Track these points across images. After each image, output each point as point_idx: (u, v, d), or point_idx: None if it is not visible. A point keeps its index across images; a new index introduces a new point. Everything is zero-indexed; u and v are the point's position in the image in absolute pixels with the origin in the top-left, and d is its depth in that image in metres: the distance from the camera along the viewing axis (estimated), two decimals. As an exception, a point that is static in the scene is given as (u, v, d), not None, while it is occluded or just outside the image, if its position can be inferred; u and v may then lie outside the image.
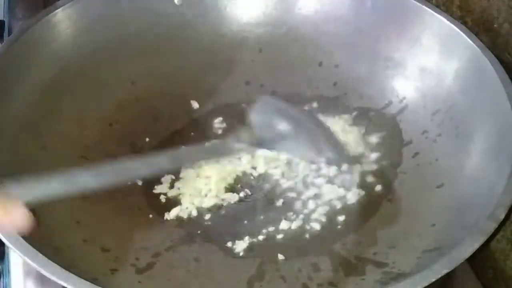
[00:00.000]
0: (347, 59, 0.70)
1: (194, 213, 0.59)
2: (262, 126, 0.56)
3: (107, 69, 0.67)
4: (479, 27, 0.62)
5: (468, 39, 0.61)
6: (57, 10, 0.64)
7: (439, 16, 0.64)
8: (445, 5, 0.67)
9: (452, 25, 0.63)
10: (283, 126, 0.56)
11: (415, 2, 0.66)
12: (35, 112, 0.61)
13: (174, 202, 0.60)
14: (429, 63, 0.65)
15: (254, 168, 0.63)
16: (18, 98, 0.60)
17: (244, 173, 0.62)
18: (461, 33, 0.62)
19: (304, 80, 0.71)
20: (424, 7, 0.65)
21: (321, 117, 0.67)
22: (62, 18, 0.65)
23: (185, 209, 0.59)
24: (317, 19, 0.71)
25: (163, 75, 0.70)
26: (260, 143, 0.57)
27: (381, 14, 0.68)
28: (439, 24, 0.64)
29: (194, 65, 0.71)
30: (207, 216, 0.59)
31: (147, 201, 0.60)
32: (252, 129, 0.56)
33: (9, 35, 0.78)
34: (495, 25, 0.60)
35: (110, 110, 0.66)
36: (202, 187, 0.61)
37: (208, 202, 0.60)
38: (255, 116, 0.57)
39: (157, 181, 0.61)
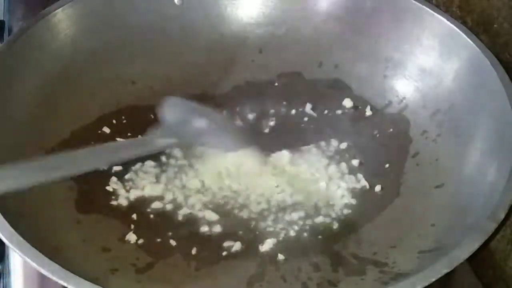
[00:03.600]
0: (347, 59, 0.70)
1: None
2: (178, 124, 0.61)
3: (107, 69, 0.67)
4: (479, 27, 0.62)
5: (468, 39, 0.61)
6: (57, 10, 0.64)
7: (439, 16, 0.64)
8: (445, 5, 0.67)
9: (452, 25, 0.63)
10: (197, 121, 0.61)
11: (415, 2, 0.66)
12: (35, 112, 0.61)
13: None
14: (429, 63, 0.65)
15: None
16: (18, 98, 0.60)
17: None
18: (461, 33, 0.62)
19: (304, 81, 0.71)
20: (424, 7, 0.65)
21: (320, 117, 0.67)
22: (62, 18, 0.65)
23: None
24: (317, 19, 0.71)
25: (163, 75, 0.70)
26: (180, 138, 0.60)
27: (381, 14, 0.68)
28: (439, 24, 0.64)
29: (194, 65, 0.71)
30: (208, 218, 0.59)
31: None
32: (169, 126, 0.60)
33: (9, 35, 0.78)
34: (495, 25, 0.60)
35: (110, 110, 0.66)
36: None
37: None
38: (169, 116, 0.61)
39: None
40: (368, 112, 0.67)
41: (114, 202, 0.60)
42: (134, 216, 0.59)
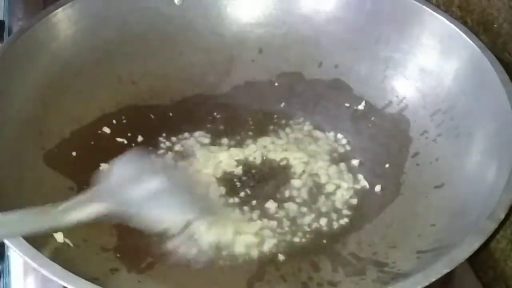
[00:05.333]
0: (347, 59, 0.70)
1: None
2: (125, 184, 0.50)
3: (107, 69, 0.67)
4: (479, 27, 0.62)
5: (468, 39, 0.61)
6: (57, 10, 0.64)
7: (439, 16, 0.64)
8: (445, 5, 0.67)
9: (452, 25, 0.63)
10: (148, 184, 0.51)
11: (415, 2, 0.66)
12: (35, 112, 0.61)
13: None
14: (429, 63, 0.65)
15: (251, 171, 0.63)
16: (18, 98, 0.60)
17: (243, 174, 0.63)
18: (461, 33, 0.62)
19: (304, 81, 0.71)
20: (424, 7, 0.65)
21: (320, 118, 0.67)
22: (62, 18, 0.65)
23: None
24: (317, 19, 0.71)
25: (163, 75, 0.70)
26: (123, 203, 0.50)
27: (381, 14, 0.68)
28: (439, 24, 0.64)
29: (194, 65, 0.71)
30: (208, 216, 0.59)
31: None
32: (113, 187, 0.50)
33: (9, 35, 0.78)
34: (495, 25, 0.60)
35: (110, 110, 0.66)
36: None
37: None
38: (118, 173, 0.51)
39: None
40: (368, 112, 0.67)
41: (114, 202, 0.60)
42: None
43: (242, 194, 0.61)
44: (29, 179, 0.57)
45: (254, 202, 0.60)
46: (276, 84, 0.71)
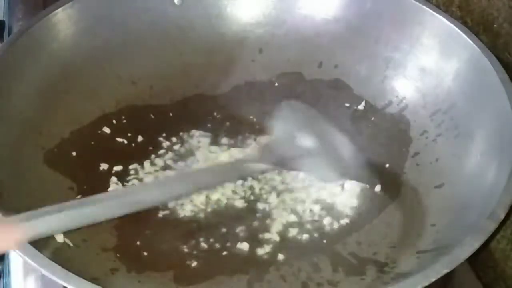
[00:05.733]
0: (347, 59, 0.70)
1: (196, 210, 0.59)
2: (284, 142, 0.52)
3: (107, 69, 0.67)
4: (479, 27, 0.62)
5: (468, 39, 0.61)
6: (57, 10, 0.64)
7: (439, 16, 0.64)
8: (445, 5, 0.67)
9: (452, 25, 0.63)
10: (306, 142, 0.52)
11: (415, 2, 0.66)
12: (35, 112, 0.61)
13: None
14: (429, 63, 0.65)
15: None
16: (18, 98, 0.60)
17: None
18: (461, 33, 0.62)
19: (304, 81, 0.71)
20: (424, 7, 0.65)
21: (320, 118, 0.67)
22: (62, 18, 0.65)
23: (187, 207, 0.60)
24: (317, 19, 0.71)
25: (163, 75, 0.70)
26: (281, 163, 0.51)
27: (381, 14, 0.68)
28: (439, 24, 0.64)
29: (194, 65, 0.71)
30: (208, 216, 0.59)
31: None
32: (272, 147, 0.51)
33: (9, 35, 0.78)
34: (495, 25, 0.60)
35: (110, 110, 0.66)
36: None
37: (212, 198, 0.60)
38: (277, 130, 0.52)
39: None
40: (368, 112, 0.67)
41: (114, 202, 0.60)
42: (134, 216, 0.59)
43: (242, 193, 0.61)
44: (29, 179, 0.57)
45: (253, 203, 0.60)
46: (276, 84, 0.71)
